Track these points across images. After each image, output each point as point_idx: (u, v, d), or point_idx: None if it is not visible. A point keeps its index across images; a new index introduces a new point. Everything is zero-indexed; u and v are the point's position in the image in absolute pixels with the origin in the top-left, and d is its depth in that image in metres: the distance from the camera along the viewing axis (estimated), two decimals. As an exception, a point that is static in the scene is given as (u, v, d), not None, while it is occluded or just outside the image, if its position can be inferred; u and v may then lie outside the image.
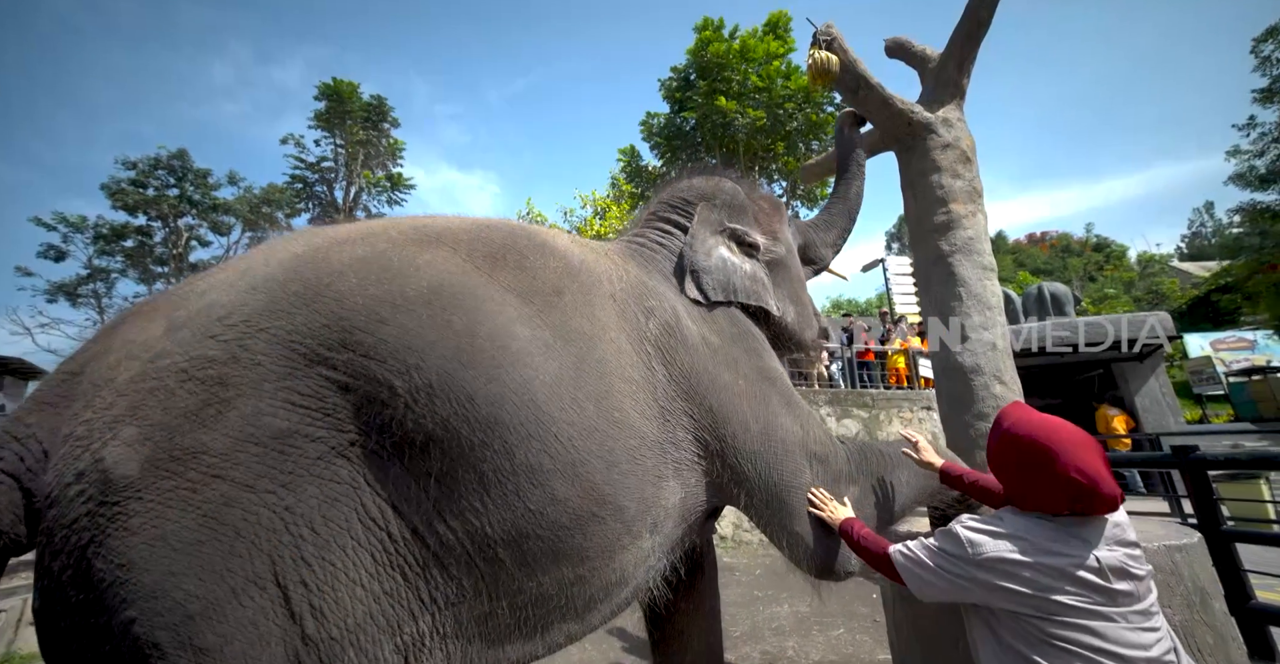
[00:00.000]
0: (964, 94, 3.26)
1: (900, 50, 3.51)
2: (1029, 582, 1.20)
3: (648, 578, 1.65)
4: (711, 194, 2.35)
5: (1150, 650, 1.13)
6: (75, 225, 20.70)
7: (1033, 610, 1.19)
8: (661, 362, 1.73)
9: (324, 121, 22.79)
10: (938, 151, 3.11)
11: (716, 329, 1.98)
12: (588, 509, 1.36)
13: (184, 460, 1.08)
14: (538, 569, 1.32)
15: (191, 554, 1.03)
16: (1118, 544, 1.22)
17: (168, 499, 1.05)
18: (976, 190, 3.10)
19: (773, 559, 6.92)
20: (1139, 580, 1.19)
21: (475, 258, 1.48)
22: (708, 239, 2.19)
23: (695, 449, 1.74)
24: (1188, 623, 1.90)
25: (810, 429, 1.96)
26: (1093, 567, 1.18)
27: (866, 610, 4.69)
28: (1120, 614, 1.15)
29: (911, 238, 3.29)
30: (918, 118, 3.14)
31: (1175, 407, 10.88)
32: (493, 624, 1.33)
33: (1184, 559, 2.02)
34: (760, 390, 1.90)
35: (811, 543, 1.76)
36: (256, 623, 1.05)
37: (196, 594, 1.02)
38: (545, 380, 1.35)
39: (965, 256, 2.95)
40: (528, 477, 1.28)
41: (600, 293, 1.69)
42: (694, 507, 1.76)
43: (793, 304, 2.43)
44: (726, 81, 14.78)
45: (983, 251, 2.97)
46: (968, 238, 2.98)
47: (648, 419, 1.58)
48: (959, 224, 3.01)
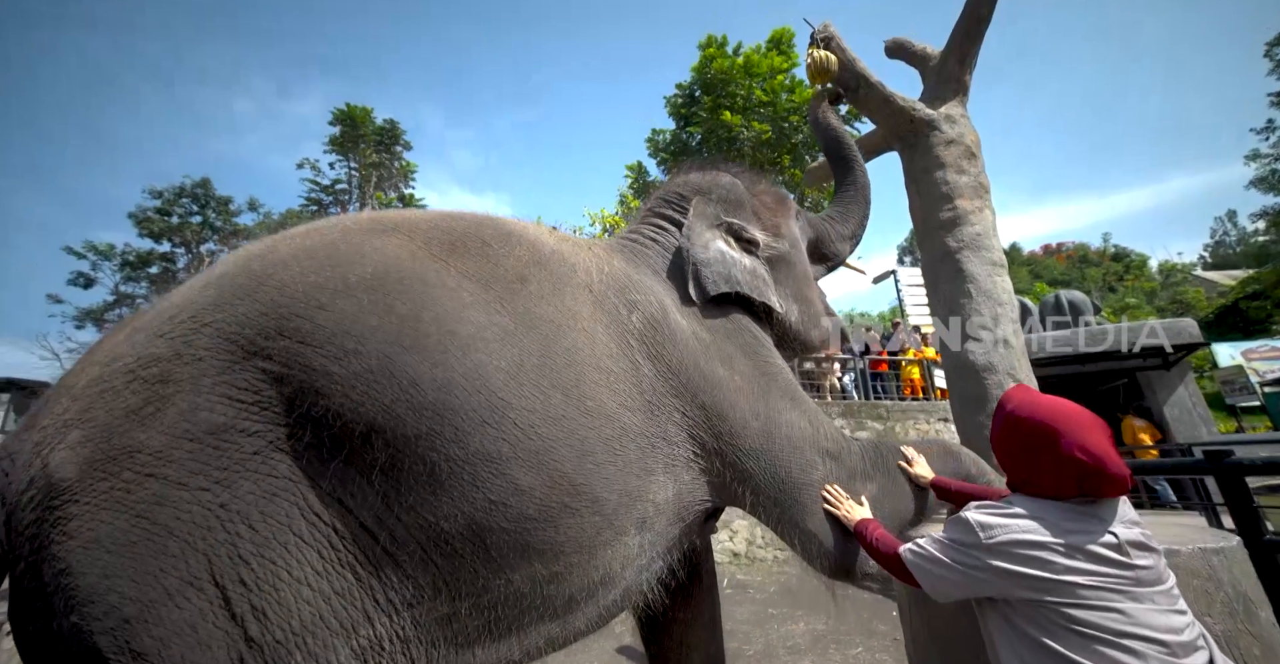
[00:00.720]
0: (967, 91, 3.21)
1: (900, 50, 3.49)
2: (1047, 563, 1.11)
3: (640, 580, 1.56)
4: (708, 188, 2.29)
5: (1181, 635, 1.04)
6: (103, 253, 21.59)
7: (1052, 595, 1.11)
8: (647, 355, 1.66)
9: (338, 146, 23.49)
10: (941, 148, 3.05)
11: (710, 325, 1.92)
12: (558, 499, 1.29)
13: (120, 460, 1.06)
14: (505, 565, 1.25)
15: (125, 556, 1.01)
16: (1131, 522, 1.16)
17: (102, 501, 1.04)
18: (983, 185, 3.03)
19: (787, 576, 6.70)
20: (1157, 556, 1.13)
21: (432, 245, 1.44)
22: (704, 232, 2.13)
23: (690, 447, 1.66)
24: (1230, 633, 1.75)
25: (820, 426, 1.87)
26: (1112, 543, 1.10)
27: (886, 628, 4.48)
28: (1146, 595, 1.08)
29: (918, 236, 3.22)
30: (920, 115, 3.10)
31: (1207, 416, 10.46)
32: (458, 626, 1.26)
33: (1223, 563, 1.87)
34: (759, 387, 1.82)
35: (827, 541, 1.67)
36: (195, 625, 1.01)
37: (131, 597, 0.99)
38: (502, 366, 1.29)
39: (973, 253, 2.87)
40: (485, 465, 1.22)
41: (573, 282, 1.63)
42: (690, 506, 1.67)
43: (796, 303, 2.33)
44: (731, 96, 14.92)
45: (991, 247, 2.89)
46: (975, 234, 2.90)
47: (630, 411, 1.51)
48: (966, 220, 2.93)
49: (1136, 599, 1.07)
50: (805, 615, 4.98)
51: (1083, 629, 1.07)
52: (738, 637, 4.53)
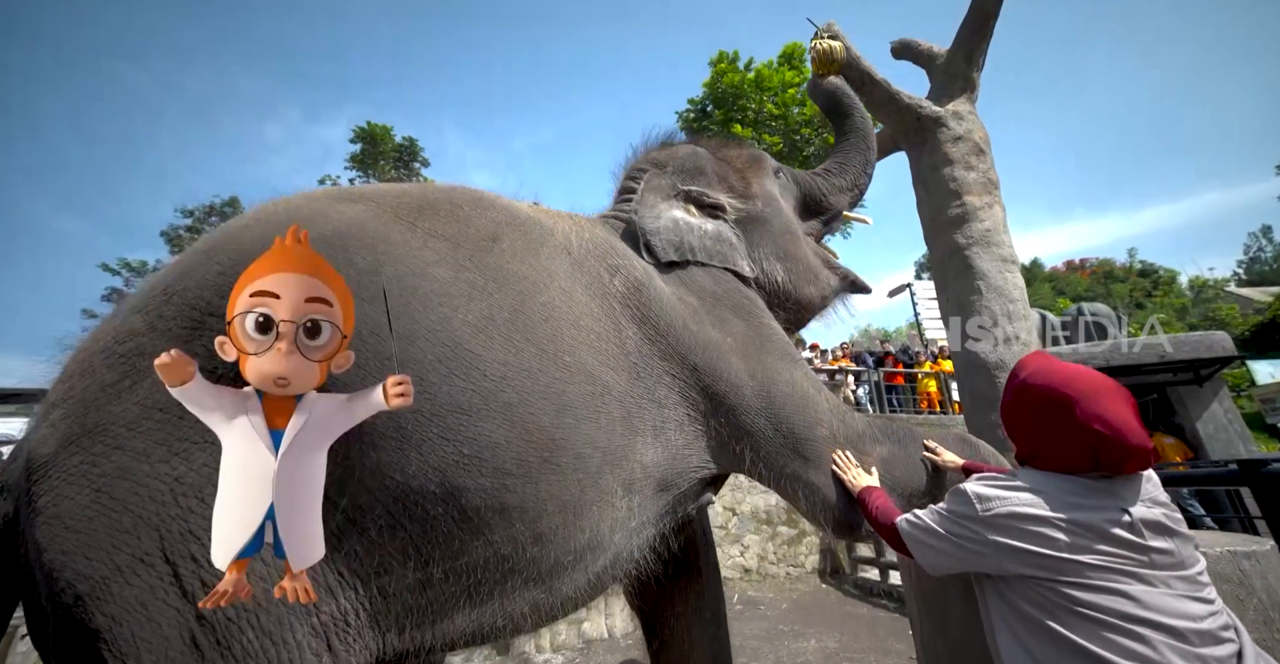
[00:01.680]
0: (975, 88, 3.16)
1: (907, 50, 3.46)
2: (1046, 539, 1.05)
3: (630, 546, 1.52)
4: (664, 161, 2.27)
5: (1201, 622, 0.96)
6: (136, 270, 22.61)
7: (1053, 574, 1.04)
8: (632, 319, 1.65)
9: (359, 163, 24.12)
10: (949, 145, 2.99)
11: (697, 290, 1.90)
12: (536, 454, 1.25)
13: (94, 433, 1.06)
14: (483, 526, 1.20)
15: (81, 532, 1.01)
16: (1154, 503, 1.06)
17: (69, 476, 1.04)
18: (992, 181, 2.96)
19: (799, 593, 6.51)
20: (1181, 540, 1.03)
21: (399, 209, 1.43)
22: (657, 204, 2.10)
23: (683, 409, 1.65)
24: (1266, 642, 1.62)
25: (821, 389, 1.85)
26: (1123, 521, 1.03)
27: (902, 646, 4.29)
28: (1159, 578, 1.00)
29: (926, 235, 3.15)
30: (926, 112, 3.05)
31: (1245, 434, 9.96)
32: (434, 593, 1.21)
33: (1255, 569, 1.75)
34: (754, 347, 1.80)
35: (831, 495, 1.64)
36: (145, 603, 1.00)
37: (84, 574, 0.99)
38: (469, 320, 1.28)
39: (983, 248, 2.79)
40: (455, 417, 1.18)
41: (550, 243, 1.62)
42: (684, 471, 1.64)
43: (780, 262, 2.27)
44: (742, 110, 15.06)
45: (1002, 243, 2.80)
46: (985, 229, 2.83)
47: (613, 370, 1.49)
48: (975, 216, 2.86)
49: (1147, 582, 0.99)
50: (817, 633, 4.81)
51: (1084, 611, 1.00)
52: (747, 652, 4.38)
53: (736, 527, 7.46)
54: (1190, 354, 9.15)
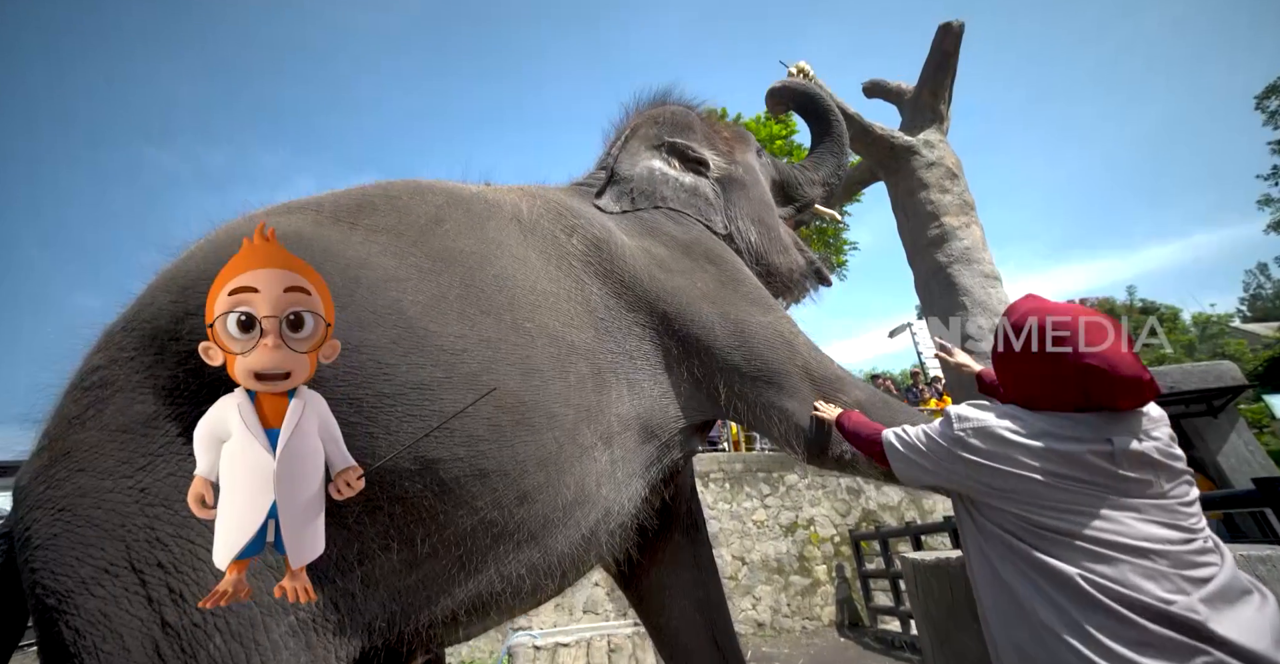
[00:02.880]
0: (943, 120, 3.33)
1: (877, 89, 3.67)
2: (1011, 460, 1.07)
3: (620, 498, 1.51)
4: (655, 114, 2.32)
5: (1174, 546, 0.97)
6: None
7: (1016, 494, 1.06)
8: (595, 275, 1.68)
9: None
10: (923, 170, 3.12)
11: (665, 239, 1.92)
12: (508, 418, 1.26)
13: (59, 461, 1.10)
14: (466, 493, 1.20)
15: (48, 548, 1.03)
16: (1147, 436, 1.04)
17: (38, 501, 1.08)
18: (968, 203, 3.05)
19: (817, 648, 6.11)
20: (1167, 473, 1.03)
21: (338, 212, 1.46)
22: (639, 151, 2.13)
23: (656, 358, 1.68)
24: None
25: (799, 333, 1.85)
26: (1100, 450, 1.02)
27: (926, 700, 3.97)
28: (1130, 505, 1.00)
29: (909, 257, 3.21)
30: (899, 142, 3.20)
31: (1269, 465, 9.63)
32: (424, 571, 1.20)
33: (1273, 574, 1.65)
34: (726, 291, 1.82)
35: (803, 421, 1.66)
36: (108, 614, 0.99)
37: (51, 589, 1.00)
38: (420, 300, 1.29)
39: (964, 266, 2.84)
40: (418, 393, 1.18)
41: (498, 216, 1.64)
42: (665, 422, 1.65)
43: (754, 225, 2.28)
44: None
45: (983, 260, 2.86)
46: (964, 248, 2.89)
47: (576, 329, 1.51)
48: (954, 235, 2.93)
49: (1115, 506, 1.00)
50: (835, 688, 4.47)
51: (1044, 532, 1.04)
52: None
53: (747, 577, 7.11)
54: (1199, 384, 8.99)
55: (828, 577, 7.26)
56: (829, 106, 2.79)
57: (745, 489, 7.61)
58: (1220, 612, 0.92)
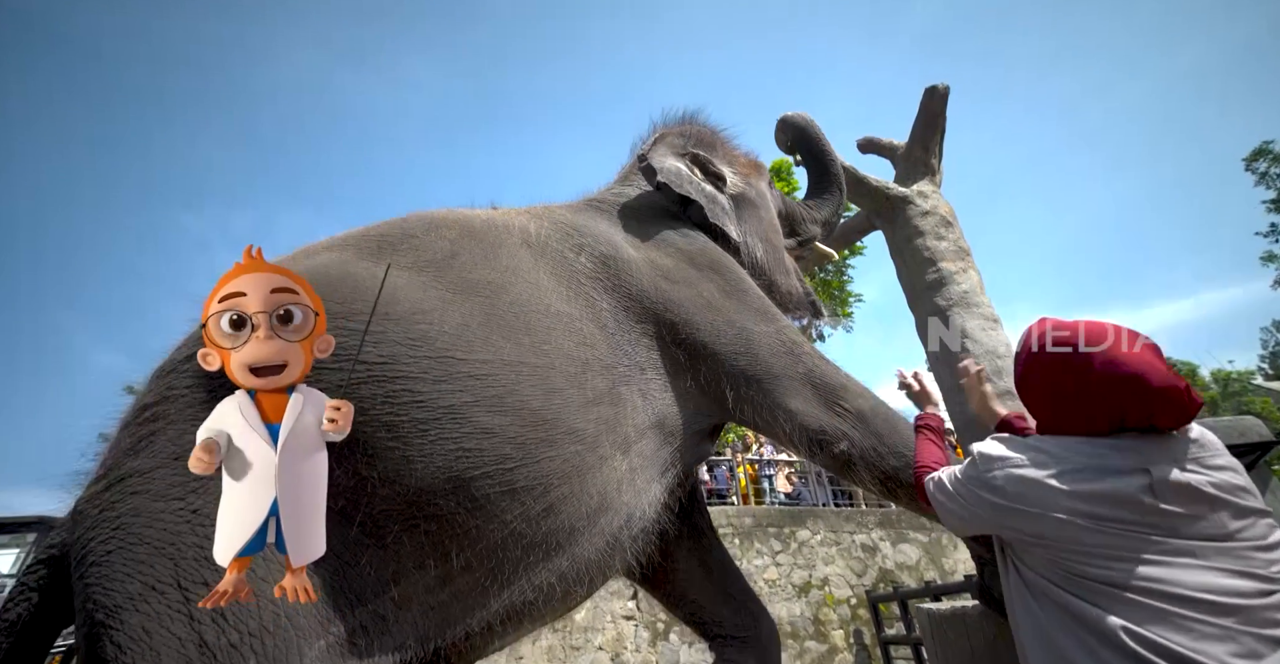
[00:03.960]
0: (935, 172, 3.48)
1: (871, 145, 3.87)
2: (1047, 504, 0.96)
3: (641, 503, 1.57)
4: (682, 129, 2.45)
5: (1242, 599, 0.84)
6: None
7: (1060, 543, 0.95)
8: (604, 290, 1.75)
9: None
10: (918, 219, 3.23)
11: (671, 252, 1.98)
12: (532, 435, 1.33)
13: (114, 486, 1.16)
14: (496, 508, 1.26)
15: (101, 565, 1.07)
16: (1198, 465, 0.94)
17: (94, 522, 1.13)
18: (964, 249, 3.14)
19: (836, 722, 5.67)
20: (1228, 509, 0.91)
21: (361, 250, 1.56)
22: (666, 155, 2.23)
23: (665, 366, 1.75)
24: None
25: (803, 341, 1.89)
26: (1138, 483, 0.92)
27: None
28: (1185, 548, 0.88)
29: (909, 302, 3.27)
30: (893, 192, 3.34)
31: (1309, 530, 9.16)
32: (457, 585, 1.25)
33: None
34: (731, 300, 1.88)
35: (809, 422, 1.72)
36: (149, 631, 1.01)
37: (101, 603, 1.04)
38: (446, 331, 1.37)
39: (964, 309, 2.88)
40: (450, 417, 1.26)
41: (508, 243, 1.73)
42: (676, 426, 1.72)
43: (761, 242, 2.35)
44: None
45: (981, 303, 2.90)
46: (963, 291, 2.95)
47: (590, 346, 1.58)
48: (952, 280, 3.00)
49: (1164, 551, 0.88)
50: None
51: (1082, 580, 0.92)
52: None
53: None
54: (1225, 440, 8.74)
55: (845, 643, 6.83)
56: (828, 148, 2.92)
57: (756, 545, 7.33)
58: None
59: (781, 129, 3.02)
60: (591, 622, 6.49)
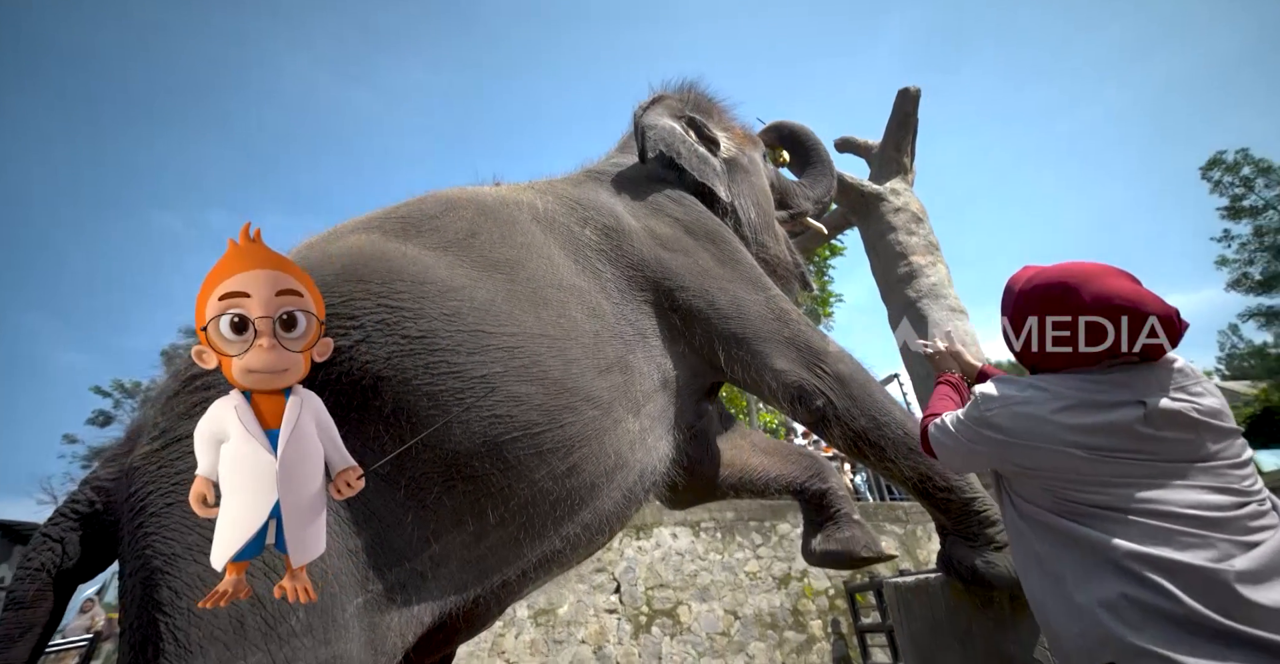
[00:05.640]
0: (907, 171, 3.65)
1: (848, 145, 4.04)
2: (1048, 437, 1.01)
3: (652, 459, 1.70)
4: (680, 94, 2.51)
5: (1224, 512, 0.91)
6: (129, 391, 21.26)
7: (1059, 474, 1.01)
8: (607, 260, 1.85)
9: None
10: (891, 215, 3.40)
11: (668, 220, 2.07)
12: (556, 402, 1.43)
13: (173, 446, 1.22)
14: (526, 469, 1.37)
15: (162, 516, 1.13)
16: (1182, 392, 0.99)
17: (152, 477, 1.19)
18: (933, 244, 3.30)
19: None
20: (1209, 432, 0.97)
21: (388, 232, 1.63)
22: (662, 114, 2.29)
23: (665, 331, 1.87)
24: None
25: (791, 308, 2.00)
26: (1132, 414, 0.97)
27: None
28: (1174, 470, 0.95)
29: (882, 294, 3.43)
30: (868, 189, 3.50)
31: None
32: (494, 539, 1.37)
33: None
34: (723, 271, 1.98)
35: (791, 379, 1.84)
36: (206, 580, 1.06)
37: (160, 551, 1.09)
38: (475, 306, 1.47)
39: (932, 300, 3.04)
40: (483, 386, 1.36)
41: (520, 220, 1.81)
42: (678, 387, 1.86)
43: (753, 205, 2.42)
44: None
45: (949, 295, 3.06)
46: (931, 284, 3.11)
47: (599, 318, 1.69)
48: (922, 273, 3.16)
49: (1157, 473, 0.95)
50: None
51: (1085, 507, 0.98)
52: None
53: (740, 633, 6.82)
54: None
55: (823, 632, 6.97)
56: (817, 140, 3.05)
57: (737, 539, 7.44)
58: (1270, 580, 0.86)
59: (771, 129, 3.14)
60: (574, 615, 6.55)
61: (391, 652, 1.22)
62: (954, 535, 2.00)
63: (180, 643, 1.01)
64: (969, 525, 1.93)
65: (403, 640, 1.25)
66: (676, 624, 6.66)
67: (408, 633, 1.26)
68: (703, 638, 6.64)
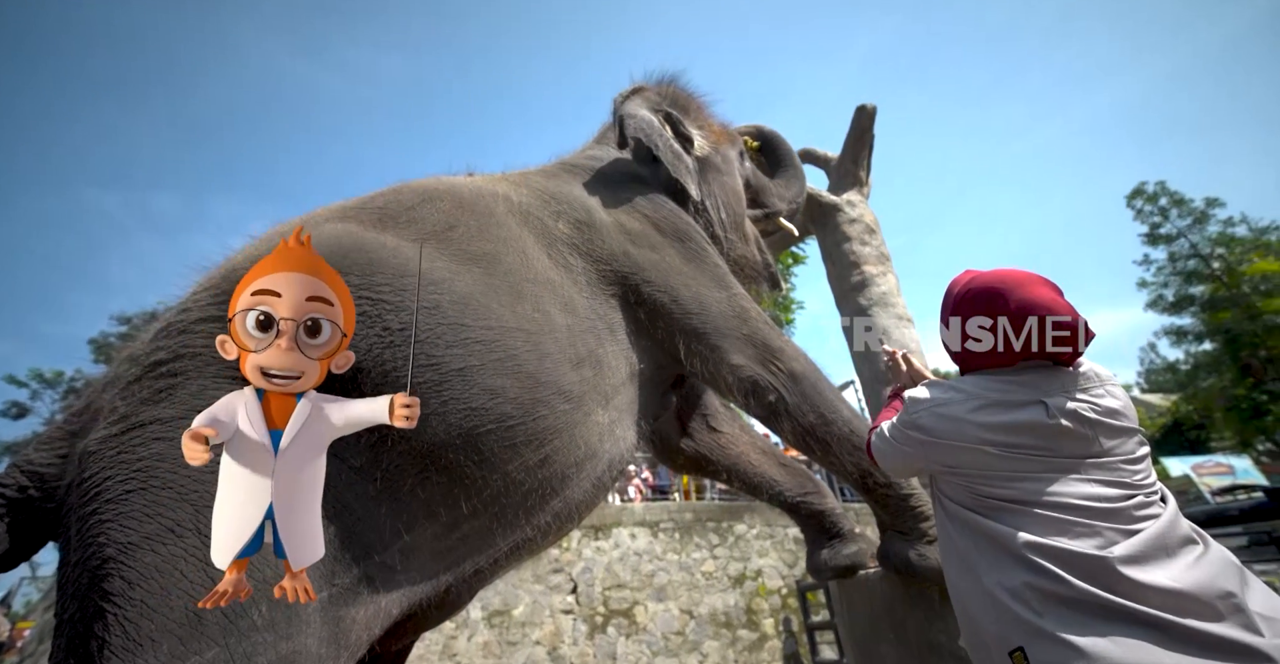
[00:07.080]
0: (863, 184, 3.84)
1: (808, 156, 4.20)
2: (965, 436, 1.10)
3: (620, 449, 1.75)
4: (659, 88, 2.55)
5: (1111, 503, 1.00)
6: (49, 381, 19.48)
7: (975, 470, 1.09)
8: (579, 254, 1.88)
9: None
10: (846, 225, 3.57)
11: (638, 216, 2.11)
12: (530, 396, 1.45)
13: (134, 431, 1.16)
14: (499, 461, 1.38)
15: (119, 503, 1.08)
16: (1083, 393, 1.09)
17: (110, 462, 1.13)
18: (884, 255, 3.49)
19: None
20: (1105, 430, 1.06)
21: (365, 223, 1.61)
22: (641, 106, 2.33)
23: (632, 326, 1.91)
24: None
25: (751, 307, 2.08)
26: (1036, 414, 1.06)
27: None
28: (1071, 466, 1.04)
29: (835, 300, 3.60)
30: (825, 200, 3.67)
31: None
32: (466, 529, 1.38)
33: None
34: (688, 268, 2.04)
35: (746, 373, 1.92)
36: (161, 571, 1.02)
37: (116, 540, 1.04)
38: (454, 299, 1.47)
39: (882, 308, 3.22)
40: (460, 379, 1.36)
41: (498, 212, 1.82)
42: (648, 381, 1.93)
43: (723, 205, 2.46)
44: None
45: (897, 304, 3.25)
46: (882, 293, 3.29)
47: (572, 313, 1.71)
48: (873, 282, 3.34)
49: (1056, 469, 1.04)
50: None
51: (995, 502, 1.06)
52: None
53: (694, 632, 6.93)
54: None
55: (775, 630, 7.16)
56: (790, 147, 3.17)
57: (695, 539, 7.57)
58: (1148, 562, 0.94)
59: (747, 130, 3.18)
60: (530, 616, 6.50)
61: (355, 645, 1.21)
62: (892, 530, 2.10)
63: (130, 636, 0.97)
64: (905, 520, 2.04)
65: (369, 633, 1.24)
66: (632, 624, 6.72)
67: (374, 626, 1.25)
68: (658, 637, 6.72)
